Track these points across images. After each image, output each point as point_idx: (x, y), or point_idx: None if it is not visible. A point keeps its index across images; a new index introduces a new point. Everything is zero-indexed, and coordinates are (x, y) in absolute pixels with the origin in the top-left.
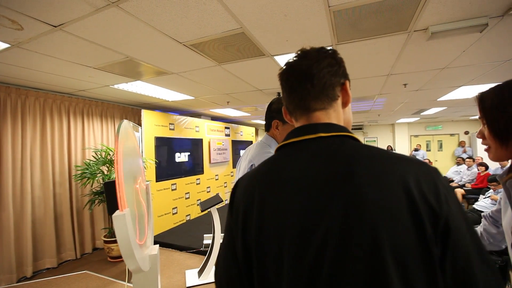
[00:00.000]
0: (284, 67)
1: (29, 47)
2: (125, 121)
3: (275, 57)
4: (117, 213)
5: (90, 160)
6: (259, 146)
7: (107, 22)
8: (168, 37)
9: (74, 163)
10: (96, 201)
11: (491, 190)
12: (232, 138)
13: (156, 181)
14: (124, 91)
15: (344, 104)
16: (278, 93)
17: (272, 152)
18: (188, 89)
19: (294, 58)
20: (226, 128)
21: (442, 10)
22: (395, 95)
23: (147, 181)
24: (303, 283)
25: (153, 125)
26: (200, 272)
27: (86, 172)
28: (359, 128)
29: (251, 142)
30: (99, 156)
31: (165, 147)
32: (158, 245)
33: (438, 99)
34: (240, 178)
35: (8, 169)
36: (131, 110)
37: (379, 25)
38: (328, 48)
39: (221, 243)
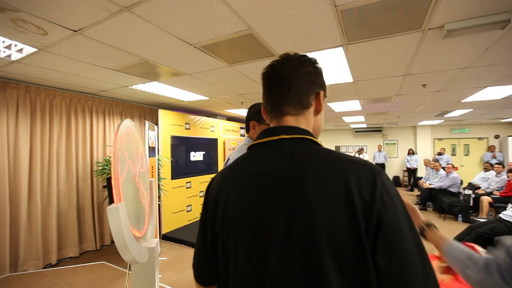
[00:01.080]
0: (267, 69)
1: (54, 50)
2: (127, 120)
3: None
4: (111, 206)
5: (110, 157)
6: (239, 148)
7: (121, 26)
8: (179, 39)
9: (96, 159)
10: None
11: None
12: None
13: (172, 179)
14: (142, 91)
15: (317, 112)
16: None
17: None
18: (202, 90)
19: (277, 61)
20: (241, 128)
21: (457, 7)
22: (414, 96)
23: (162, 177)
24: (251, 273)
25: (169, 125)
26: None
27: (106, 168)
28: (378, 130)
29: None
30: None
31: (181, 146)
32: (158, 238)
33: (462, 101)
34: (216, 174)
35: (37, 164)
36: (149, 109)
37: (390, 24)
38: (311, 56)
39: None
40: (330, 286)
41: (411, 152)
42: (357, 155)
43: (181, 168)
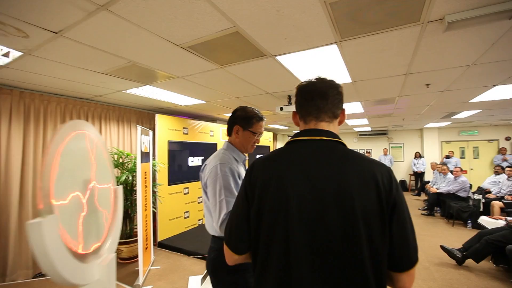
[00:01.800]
0: (305, 83)
1: (39, 54)
2: (72, 122)
3: (277, 58)
4: (32, 220)
5: None
6: (218, 153)
7: (101, 26)
8: (163, 39)
9: None
10: None
11: None
12: None
13: (169, 185)
14: (137, 96)
15: (339, 123)
16: (289, 97)
17: (235, 156)
18: (198, 93)
19: (314, 80)
20: None
21: None
22: (418, 97)
23: (158, 183)
24: (310, 230)
25: (166, 129)
26: (204, 279)
27: None
28: (383, 133)
29: (268, 148)
30: (112, 160)
31: (179, 151)
32: (115, 254)
33: (469, 101)
34: (255, 161)
35: (29, 171)
36: (147, 114)
37: (385, 17)
38: (337, 82)
39: (231, 213)
40: (362, 245)
41: (418, 156)
42: None
43: (179, 174)
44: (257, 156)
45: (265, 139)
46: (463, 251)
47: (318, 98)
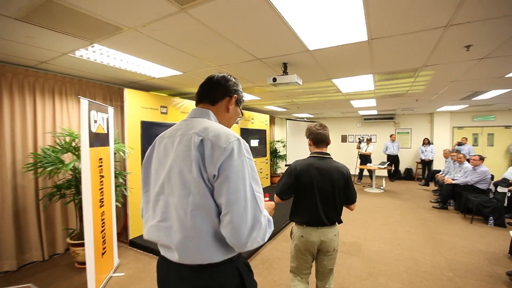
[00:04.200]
0: (317, 126)
1: None
2: None
3: None
4: None
5: (52, 146)
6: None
7: None
8: None
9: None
10: (56, 197)
11: None
12: (241, 125)
13: None
14: (92, 62)
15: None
16: (284, 64)
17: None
18: (169, 60)
19: (318, 126)
20: None
21: None
22: (447, 66)
23: (126, 172)
24: (319, 197)
25: (139, 107)
26: None
27: (42, 161)
28: (389, 117)
29: (264, 131)
30: (62, 142)
31: (155, 133)
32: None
33: (506, 75)
34: (296, 161)
35: None
36: (117, 90)
37: None
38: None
39: (283, 182)
40: (338, 198)
41: (426, 142)
42: (363, 145)
43: None
44: (253, 141)
45: (261, 122)
46: None
47: (324, 136)
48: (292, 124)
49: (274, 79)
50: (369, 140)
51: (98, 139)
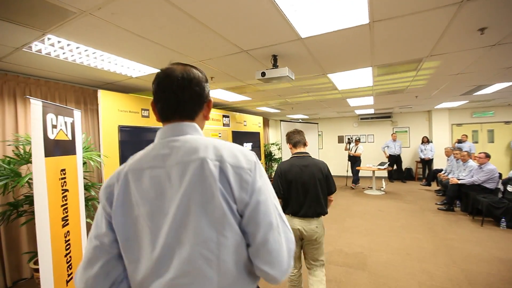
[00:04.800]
0: (290, 135)
1: None
2: None
3: None
4: None
5: (8, 157)
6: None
7: None
8: None
9: None
10: (13, 216)
11: None
12: (233, 128)
13: None
14: (55, 60)
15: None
16: (274, 56)
17: None
18: (137, 52)
19: (293, 132)
20: (224, 116)
21: None
22: (455, 56)
23: (98, 184)
24: (302, 190)
25: (115, 111)
26: None
27: None
28: (386, 116)
29: (258, 134)
30: (21, 152)
31: (136, 139)
32: None
33: None
34: (281, 163)
35: None
36: (93, 92)
37: None
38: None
39: (274, 185)
40: (319, 190)
41: (425, 141)
42: (351, 146)
43: None
44: (246, 144)
45: (254, 124)
46: None
47: (301, 139)
48: (287, 126)
49: (263, 74)
50: (357, 141)
51: (59, 147)
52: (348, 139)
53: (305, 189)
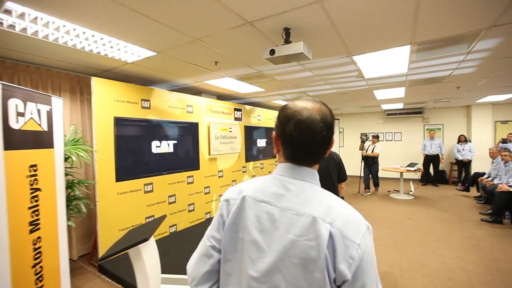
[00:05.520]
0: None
1: None
2: None
3: None
4: None
5: None
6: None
7: None
8: None
9: None
10: None
11: None
12: (246, 123)
13: (117, 181)
14: (35, 39)
15: None
16: (286, 29)
17: None
18: (126, 28)
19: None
20: (236, 110)
21: None
22: None
23: (88, 182)
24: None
25: (111, 100)
26: None
27: None
28: (417, 112)
29: (271, 129)
30: None
31: (134, 132)
32: None
33: None
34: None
35: None
36: (90, 81)
37: None
38: None
39: None
40: (333, 178)
41: (463, 140)
42: (367, 144)
43: (136, 165)
44: (260, 140)
45: (269, 119)
46: None
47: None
48: None
49: (272, 51)
50: (375, 138)
51: (27, 139)
52: (363, 137)
53: (322, 178)
